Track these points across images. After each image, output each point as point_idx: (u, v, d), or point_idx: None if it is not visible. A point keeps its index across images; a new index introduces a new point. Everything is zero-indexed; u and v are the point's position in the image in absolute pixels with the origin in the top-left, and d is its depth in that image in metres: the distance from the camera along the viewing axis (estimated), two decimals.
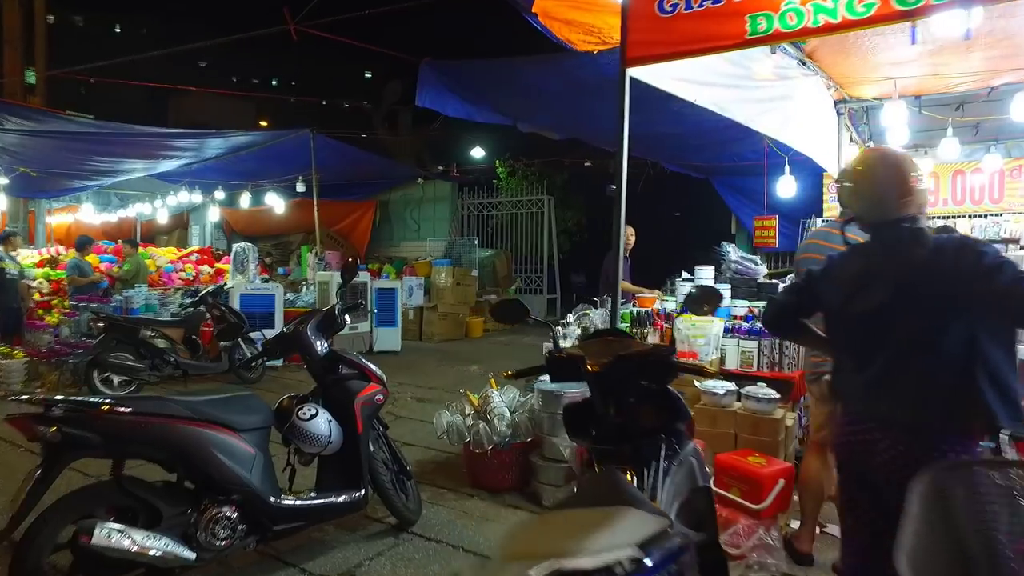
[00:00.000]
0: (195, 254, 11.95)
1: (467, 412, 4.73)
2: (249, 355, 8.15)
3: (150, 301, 9.32)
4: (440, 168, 15.61)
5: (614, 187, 3.84)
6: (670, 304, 5.72)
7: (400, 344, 10.70)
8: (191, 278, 11.21)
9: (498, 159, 16.69)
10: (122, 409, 2.80)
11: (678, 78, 3.85)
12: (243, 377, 8.03)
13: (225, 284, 8.29)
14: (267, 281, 10.13)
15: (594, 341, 2.75)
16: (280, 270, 14.54)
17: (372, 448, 3.74)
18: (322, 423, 3.53)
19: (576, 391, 4.33)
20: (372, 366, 3.87)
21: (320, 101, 14.98)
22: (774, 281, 6.11)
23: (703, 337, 4.63)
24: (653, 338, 4.93)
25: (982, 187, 9.36)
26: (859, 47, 5.10)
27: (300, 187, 11.99)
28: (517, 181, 16.35)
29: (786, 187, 10.44)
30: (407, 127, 16.96)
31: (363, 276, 10.29)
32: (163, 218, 14.21)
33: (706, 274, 6.52)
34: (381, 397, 3.83)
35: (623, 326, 5.36)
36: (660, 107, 6.40)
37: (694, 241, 31.01)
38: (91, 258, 10.05)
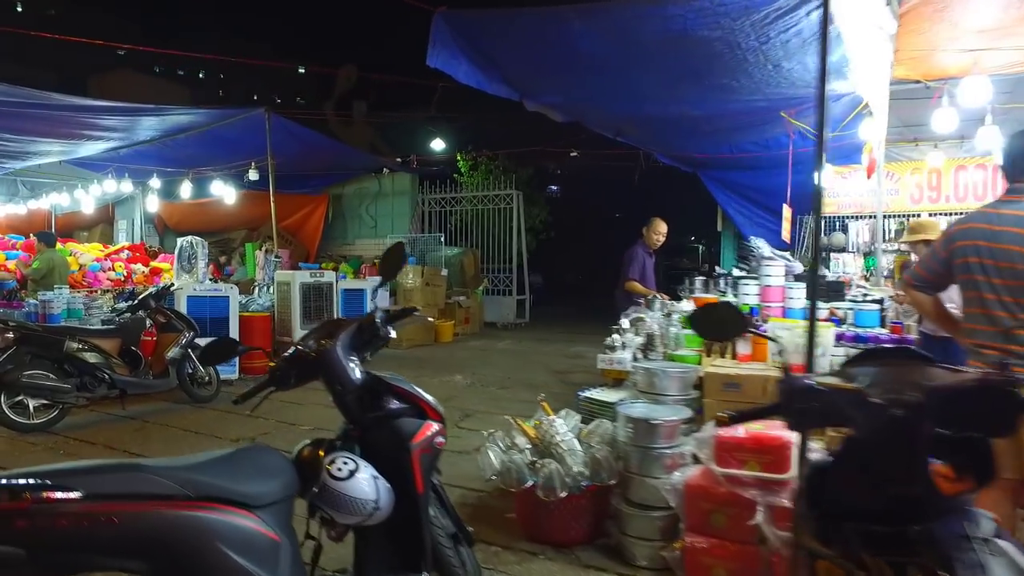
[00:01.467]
0: (125, 251, 10.37)
1: (523, 446, 3.72)
2: (200, 366, 6.85)
3: (74, 305, 7.80)
4: (399, 160, 14.41)
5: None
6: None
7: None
8: (122, 278, 9.66)
9: (459, 152, 15.64)
10: (66, 495, 1.63)
11: None
12: (195, 395, 6.74)
13: (170, 285, 6.96)
14: (216, 282, 8.76)
15: (873, 367, 1.79)
16: (224, 270, 13.03)
17: (432, 512, 2.69)
18: (365, 482, 2.44)
19: (673, 418, 3.41)
20: (426, 395, 2.81)
21: (270, 64, 13.42)
22: (840, 280, 5.42)
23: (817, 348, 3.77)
24: (742, 349, 4.04)
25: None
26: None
27: (253, 175, 10.60)
28: (480, 175, 15.35)
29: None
30: (361, 115, 15.71)
31: (328, 276, 9.07)
32: (89, 209, 12.38)
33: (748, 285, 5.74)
34: (442, 440, 2.78)
35: (682, 334, 4.48)
36: (689, 85, 5.62)
37: (682, 235, 30.89)
38: None
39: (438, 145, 15.97)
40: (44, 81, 8.38)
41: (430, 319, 11.25)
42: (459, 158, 15.43)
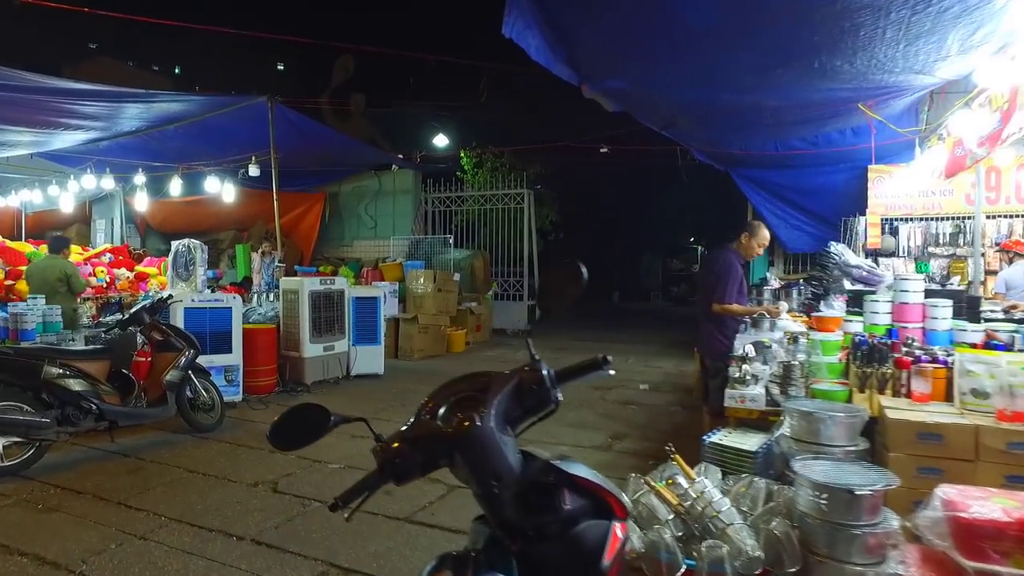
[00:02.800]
0: (107, 254, 9.29)
1: (663, 516, 2.86)
2: (202, 389, 5.89)
3: (50, 318, 6.81)
4: (400, 156, 13.47)
5: None
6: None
7: (383, 365, 8.60)
8: (103, 285, 8.62)
9: (463, 149, 14.75)
10: None
11: None
12: (196, 424, 5.78)
13: (167, 297, 5.97)
14: (215, 290, 7.76)
15: None
16: (209, 272, 11.95)
17: None
18: None
19: (879, 485, 2.58)
20: (607, 482, 1.93)
21: (278, 37, 12.37)
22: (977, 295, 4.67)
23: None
24: (919, 385, 3.23)
25: None
26: None
27: (254, 170, 9.58)
28: (484, 173, 14.47)
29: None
30: (359, 109, 14.70)
31: (339, 283, 8.12)
32: (68, 207, 11.16)
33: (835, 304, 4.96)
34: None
35: (821, 363, 3.68)
36: (789, 68, 4.83)
37: (678, 235, 30.03)
38: None
39: (440, 141, 15.04)
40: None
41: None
42: (463, 155, 14.53)
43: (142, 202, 12.72)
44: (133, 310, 5.69)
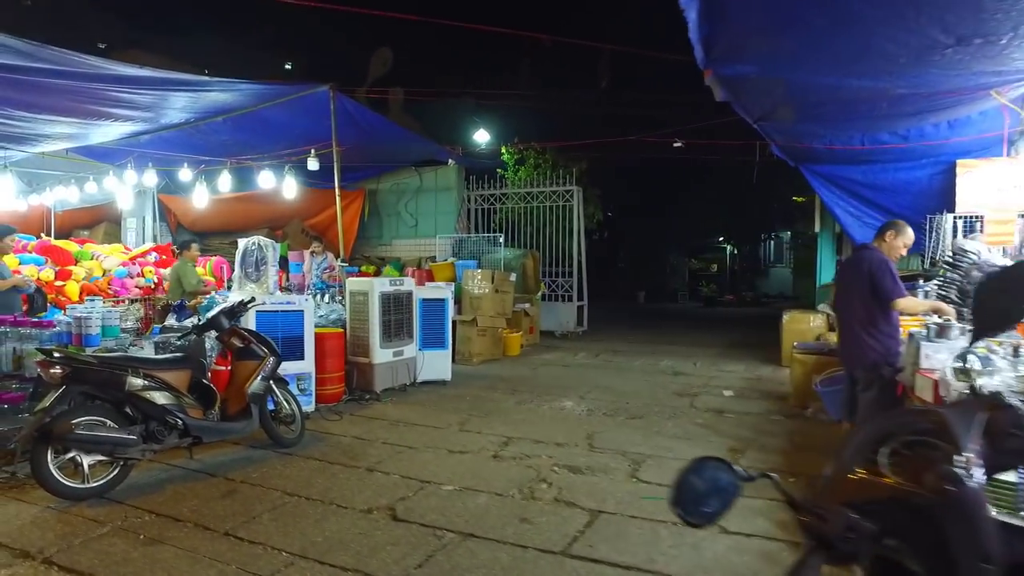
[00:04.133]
0: (153, 253, 8.82)
1: None
2: (284, 400, 5.41)
3: (109, 320, 6.34)
4: (452, 150, 12.99)
5: None
6: None
7: (450, 371, 8.11)
8: (151, 285, 8.14)
9: (504, 144, 14.25)
10: None
11: None
12: (280, 439, 5.29)
13: (249, 300, 5.47)
14: (289, 290, 7.28)
15: None
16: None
17: None
18: None
19: None
20: None
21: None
22: None
23: None
24: None
25: None
26: None
27: (313, 164, 9.07)
28: (527, 170, 13.98)
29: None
30: (398, 104, 14.20)
31: (408, 284, 7.63)
32: (126, 203, 10.56)
33: None
34: None
35: None
36: (942, 50, 4.31)
37: (707, 236, 29.30)
38: (9, 259, 6.88)
39: (481, 137, 14.53)
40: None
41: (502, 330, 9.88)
42: (504, 151, 14.03)
43: (176, 200, 12.27)
44: (211, 314, 5.20)
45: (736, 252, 28.18)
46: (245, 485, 4.52)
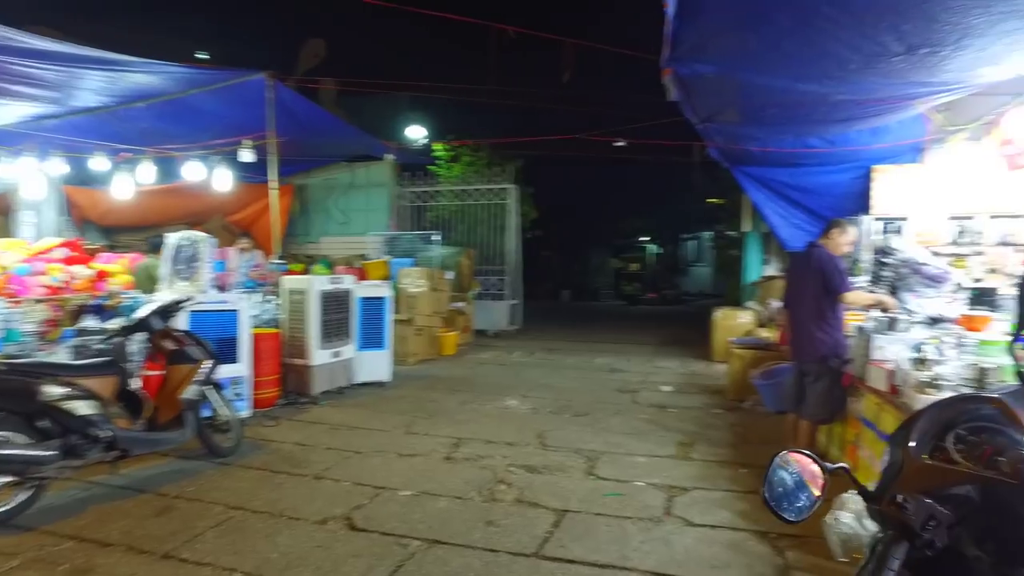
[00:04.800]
0: (60, 248, 8.05)
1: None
2: (220, 406, 5.05)
3: (10, 322, 5.77)
4: (392, 146, 12.61)
5: None
6: None
7: (389, 372, 7.86)
8: (59, 284, 7.43)
9: (438, 140, 14.03)
10: None
11: None
12: (216, 448, 4.94)
13: (184, 299, 5.03)
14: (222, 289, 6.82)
15: None
16: (217, 267, 10.77)
17: None
18: None
19: None
20: None
21: None
22: None
23: None
24: None
25: None
26: None
27: (247, 156, 8.54)
28: (460, 167, 13.82)
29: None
30: (330, 98, 13.61)
31: (347, 282, 7.33)
32: (34, 191, 9.32)
33: None
34: None
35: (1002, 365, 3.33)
36: (891, 57, 4.50)
37: (629, 235, 29.69)
38: None
39: (416, 132, 14.22)
40: None
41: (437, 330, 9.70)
42: (437, 148, 13.80)
43: (84, 192, 11.36)
44: (142, 314, 4.77)
45: (658, 251, 28.93)
46: (181, 501, 4.16)
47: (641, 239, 28.81)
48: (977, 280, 7.64)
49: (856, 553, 2.57)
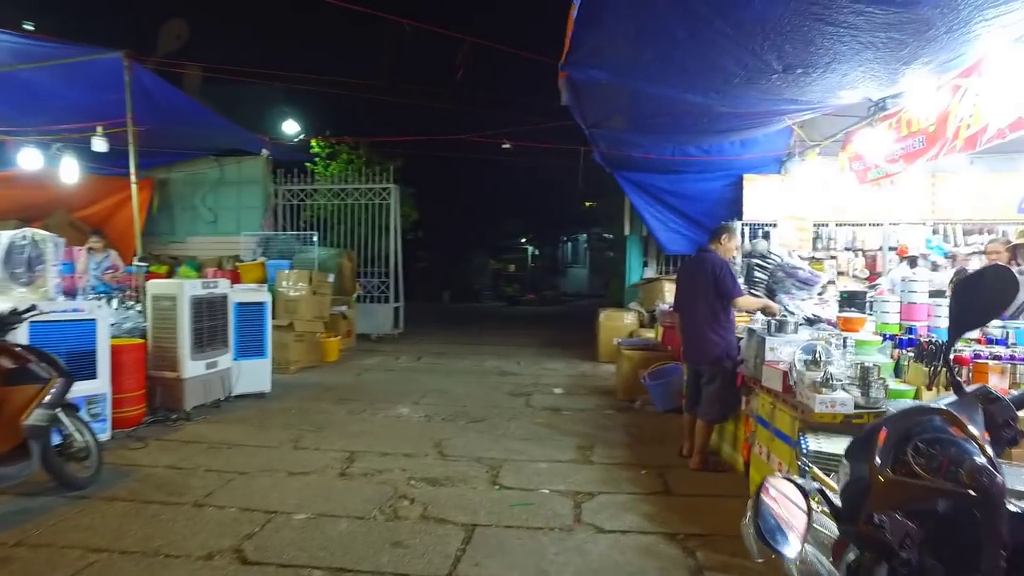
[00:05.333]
0: None
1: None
2: (75, 431, 4.43)
3: None
4: (268, 140, 11.73)
5: None
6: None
7: (270, 382, 7.34)
8: None
9: (315, 137, 13.39)
10: None
11: None
12: (69, 479, 4.32)
13: (29, 308, 4.33)
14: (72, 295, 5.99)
15: None
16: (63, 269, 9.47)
17: None
18: None
19: None
20: None
21: None
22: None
23: None
24: (995, 380, 3.26)
25: None
26: None
27: (100, 145, 7.56)
28: (339, 165, 13.29)
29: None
30: (195, 85, 12.43)
31: (222, 286, 6.74)
32: None
33: None
34: None
35: (882, 363, 3.61)
36: (767, 74, 4.81)
37: (510, 236, 29.71)
38: None
39: (291, 127, 13.42)
40: None
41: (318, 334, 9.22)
42: (314, 144, 13.17)
43: None
44: None
45: (537, 253, 29.52)
46: (23, 549, 3.55)
47: (521, 240, 29.22)
48: (831, 282, 8.39)
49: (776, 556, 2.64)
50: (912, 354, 3.65)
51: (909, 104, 5.55)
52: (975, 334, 4.07)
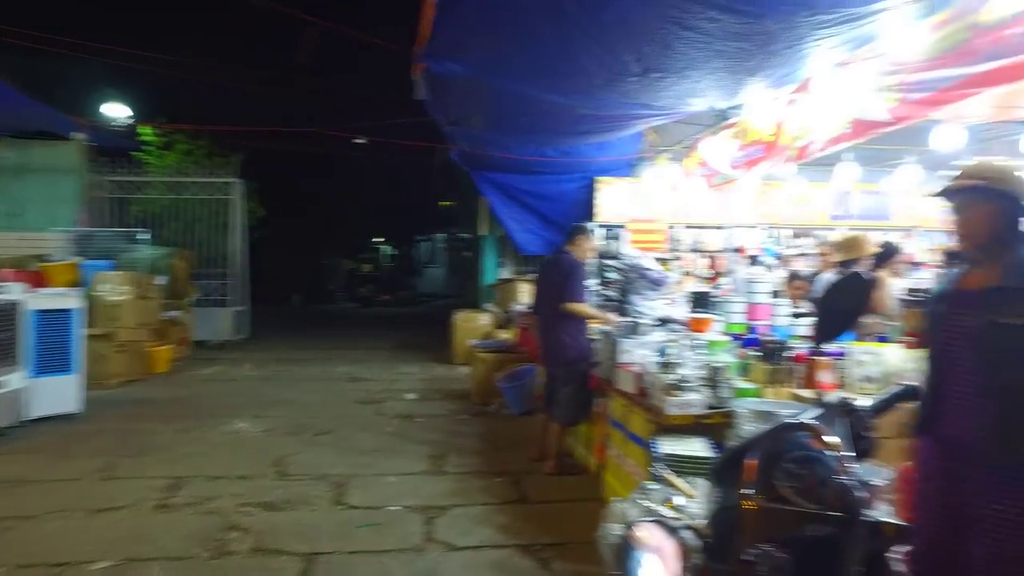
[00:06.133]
0: None
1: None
2: None
3: None
4: (82, 122, 10.21)
5: None
6: None
7: (79, 401, 6.37)
8: None
9: (146, 122, 12.01)
10: None
11: None
12: None
13: None
14: None
15: None
16: None
17: None
18: None
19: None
20: None
21: None
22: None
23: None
24: (825, 376, 3.41)
25: None
26: None
27: None
28: (175, 155, 12.05)
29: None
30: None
31: (15, 291, 5.73)
32: None
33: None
34: None
35: (729, 363, 3.69)
36: (628, 75, 4.85)
37: (364, 236, 28.53)
38: None
39: (119, 111, 11.85)
40: None
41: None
42: (145, 131, 11.81)
43: None
44: None
45: (393, 253, 28.85)
46: None
47: (376, 240, 28.44)
48: (678, 282, 8.76)
49: None
50: (756, 353, 3.76)
51: (749, 114, 5.85)
52: (807, 331, 4.32)
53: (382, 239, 28.76)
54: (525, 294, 9.06)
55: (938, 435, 1.83)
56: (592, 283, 7.21)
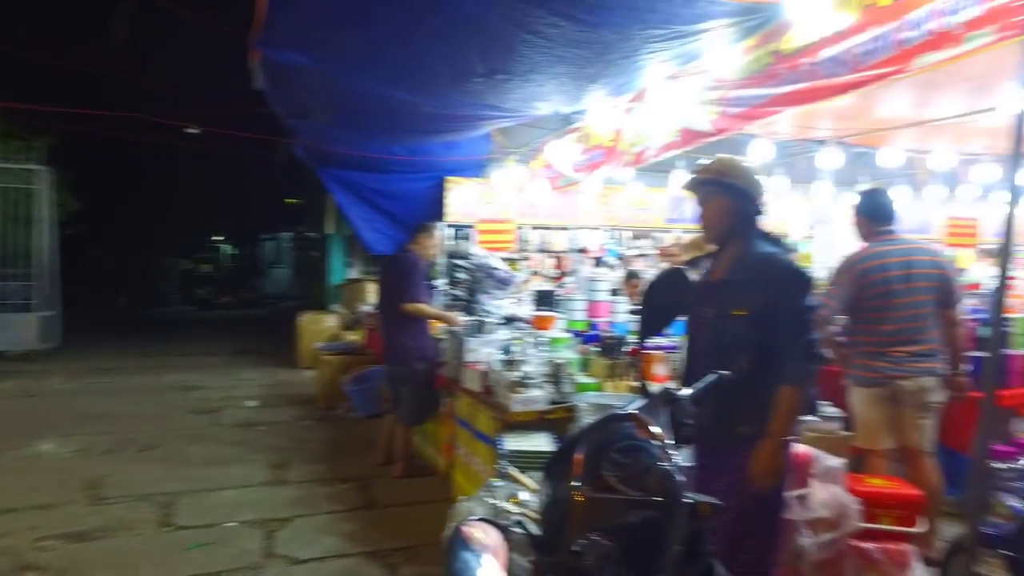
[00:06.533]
0: None
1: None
2: None
3: None
4: None
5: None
6: None
7: None
8: None
9: None
10: None
11: None
12: None
13: None
14: None
15: None
16: None
17: None
18: None
19: None
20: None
21: None
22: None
23: None
24: (660, 369, 3.65)
25: None
26: None
27: None
28: None
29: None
30: None
31: None
32: None
33: None
34: None
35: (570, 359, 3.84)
36: (473, 76, 4.90)
37: (202, 234, 26.22)
38: None
39: None
40: None
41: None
42: None
43: None
44: None
45: (234, 252, 27.01)
46: None
47: (215, 238, 26.49)
48: (526, 281, 8.99)
49: None
50: (596, 349, 3.94)
51: (591, 120, 6.13)
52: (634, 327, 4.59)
53: (223, 237, 26.77)
54: (373, 294, 8.86)
55: None
56: (441, 282, 7.23)
